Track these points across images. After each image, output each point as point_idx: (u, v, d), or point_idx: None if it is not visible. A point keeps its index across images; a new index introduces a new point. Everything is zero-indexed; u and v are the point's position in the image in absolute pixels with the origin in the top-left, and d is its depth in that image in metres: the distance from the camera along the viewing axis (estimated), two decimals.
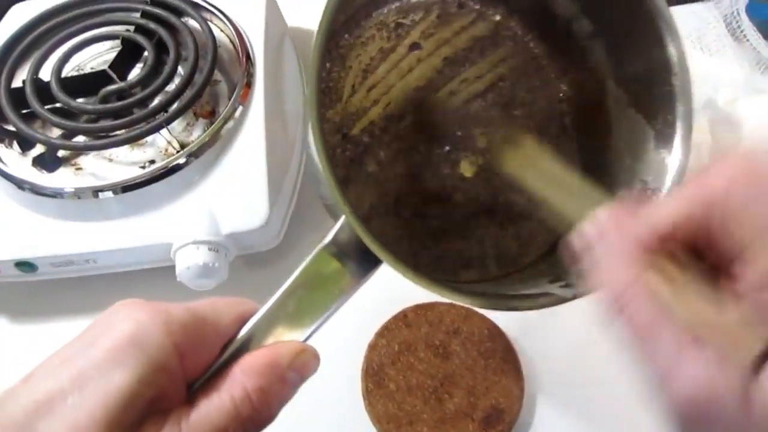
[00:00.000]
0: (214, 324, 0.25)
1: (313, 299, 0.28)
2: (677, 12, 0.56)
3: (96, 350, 0.22)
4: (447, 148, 0.36)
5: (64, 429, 0.21)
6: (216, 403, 0.24)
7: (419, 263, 0.35)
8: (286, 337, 0.27)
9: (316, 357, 0.27)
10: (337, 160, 0.35)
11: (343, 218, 0.27)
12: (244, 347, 0.26)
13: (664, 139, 0.32)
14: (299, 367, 0.26)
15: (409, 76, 0.35)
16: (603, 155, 0.36)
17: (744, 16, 0.55)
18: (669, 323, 0.21)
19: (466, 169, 0.36)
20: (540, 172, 0.34)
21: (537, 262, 0.37)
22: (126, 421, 0.22)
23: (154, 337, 0.23)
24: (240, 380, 0.24)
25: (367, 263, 0.28)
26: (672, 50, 0.32)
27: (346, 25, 0.34)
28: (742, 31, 0.55)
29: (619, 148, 0.36)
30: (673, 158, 0.32)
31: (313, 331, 0.28)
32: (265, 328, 0.27)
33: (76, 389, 0.21)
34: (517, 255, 0.37)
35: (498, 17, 0.37)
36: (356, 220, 0.26)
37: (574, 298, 0.30)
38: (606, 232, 0.24)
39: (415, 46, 0.36)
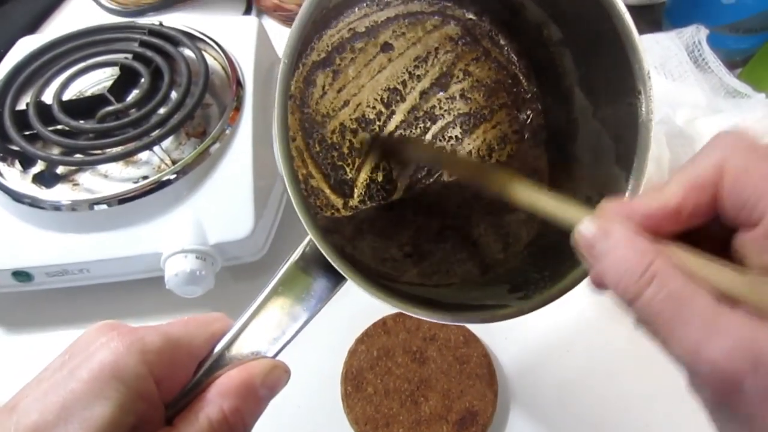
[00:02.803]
0: (188, 346, 0.27)
1: (283, 314, 0.28)
2: (642, 40, 0.60)
3: (77, 382, 0.23)
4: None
5: None
6: (195, 426, 0.25)
7: (403, 272, 0.36)
8: (259, 353, 0.28)
9: (287, 372, 0.28)
10: (311, 166, 0.35)
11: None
12: (218, 365, 0.27)
13: (624, 153, 0.32)
14: (271, 384, 0.27)
15: (380, 77, 0.35)
16: (568, 163, 0.36)
17: (705, 46, 0.59)
18: (699, 289, 0.21)
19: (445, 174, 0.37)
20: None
21: (501, 268, 0.37)
22: None
23: (132, 368, 0.24)
24: (217, 402, 0.26)
25: (335, 277, 0.28)
26: (637, 69, 0.31)
27: (316, 27, 0.34)
28: (704, 60, 0.59)
29: (583, 157, 0.36)
30: (631, 175, 0.31)
31: (285, 345, 0.28)
32: (238, 345, 0.27)
33: (62, 422, 0.22)
34: (493, 259, 0.37)
35: (470, 16, 0.37)
36: (319, 235, 0.26)
37: (530, 311, 0.30)
38: (613, 224, 0.24)
39: (386, 46, 0.35)
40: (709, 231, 0.23)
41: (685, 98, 0.55)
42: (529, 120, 0.39)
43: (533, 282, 0.32)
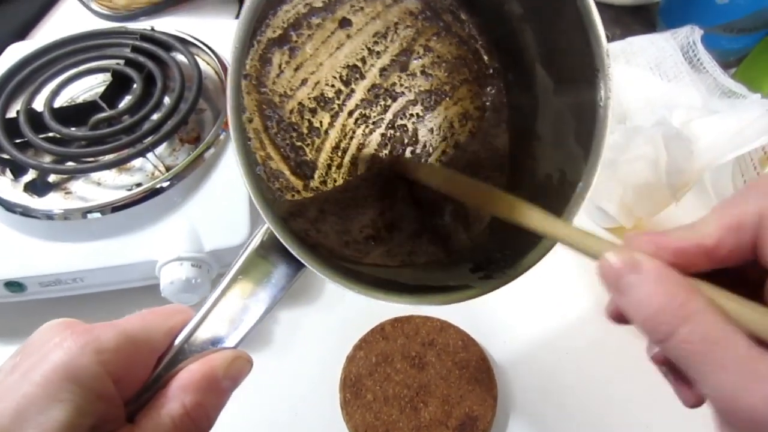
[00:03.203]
0: (146, 341, 0.26)
1: (244, 303, 0.28)
2: (636, 41, 0.60)
3: (30, 385, 0.23)
4: (382, 131, 0.36)
5: None
6: (156, 423, 0.24)
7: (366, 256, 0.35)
8: (220, 343, 0.27)
9: (249, 362, 0.28)
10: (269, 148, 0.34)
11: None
12: (178, 359, 0.26)
13: (584, 132, 0.32)
14: (234, 375, 0.27)
15: (339, 53, 0.34)
16: (529, 140, 0.36)
17: (700, 46, 0.59)
18: (736, 331, 0.20)
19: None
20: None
21: (465, 248, 0.36)
22: None
23: (87, 368, 0.23)
24: (178, 397, 0.25)
25: (296, 263, 0.28)
26: (595, 47, 0.31)
27: (271, 2, 0.32)
28: (698, 60, 0.59)
29: (544, 135, 0.35)
30: (590, 153, 0.32)
31: (247, 333, 0.28)
32: (198, 337, 0.27)
33: (17, 428, 0.22)
34: (457, 240, 0.36)
35: None
36: (275, 221, 0.26)
37: (491, 290, 0.30)
38: (643, 256, 0.23)
39: (345, 21, 0.34)
40: (741, 272, 0.23)
41: (680, 99, 0.55)
42: (491, 97, 0.38)
43: (494, 261, 0.32)
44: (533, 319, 0.52)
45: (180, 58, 0.57)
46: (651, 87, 0.56)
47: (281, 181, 0.34)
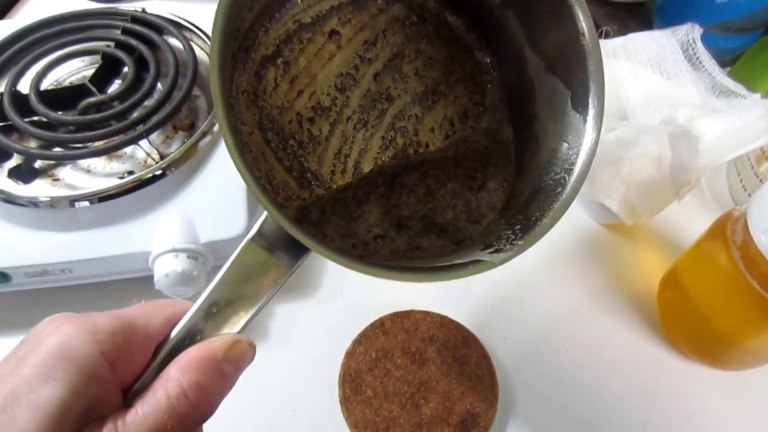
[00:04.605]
0: (144, 328, 0.26)
1: (244, 292, 0.28)
2: (638, 38, 0.60)
3: (26, 367, 0.23)
4: (382, 134, 0.36)
5: None
6: (152, 403, 0.24)
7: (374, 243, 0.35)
8: (220, 332, 0.27)
9: (251, 346, 0.27)
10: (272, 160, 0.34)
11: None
12: (178, 347, 0.26)
13: (579, 98, 0.33)
14: (235, 359, 0.26)
15: (331, 64, 0.35)
16: (529, 123, 0.37)
17: (699, 45, 0.59)
18: None
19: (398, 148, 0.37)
20: None
21: (476, 234, 0.37)
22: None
23: (81, 347, 0.23)
24: (175, 377, 0.25)
25: (296, 250, 0.28)
26: (578, 11, 0.32)
27: (261, 19, 0.33)
28: (698, 58, 0.59)
29: (543, 114, 0.36)
30: (588, 116, 0.32)
31: (248, 322, 0.28)
32: (199, 326, 0.27)
33: (8, 407, 0.22)
34: (468, 231, 0.37)
35: None
36: (275, 209, 0.26)
37: (502, 263, 0.30)
38: None
39: (333, 33, 0.35)
40: None
41: (679, 97, 0.55)
42: (487, 90, 0.38)
43: (505, 237, 0.32)
44: (532, 315, 0.52)
45: (173, 42, 0.55)
46: (651, 84, 0.56)
47: (286, 192, 0.34)
